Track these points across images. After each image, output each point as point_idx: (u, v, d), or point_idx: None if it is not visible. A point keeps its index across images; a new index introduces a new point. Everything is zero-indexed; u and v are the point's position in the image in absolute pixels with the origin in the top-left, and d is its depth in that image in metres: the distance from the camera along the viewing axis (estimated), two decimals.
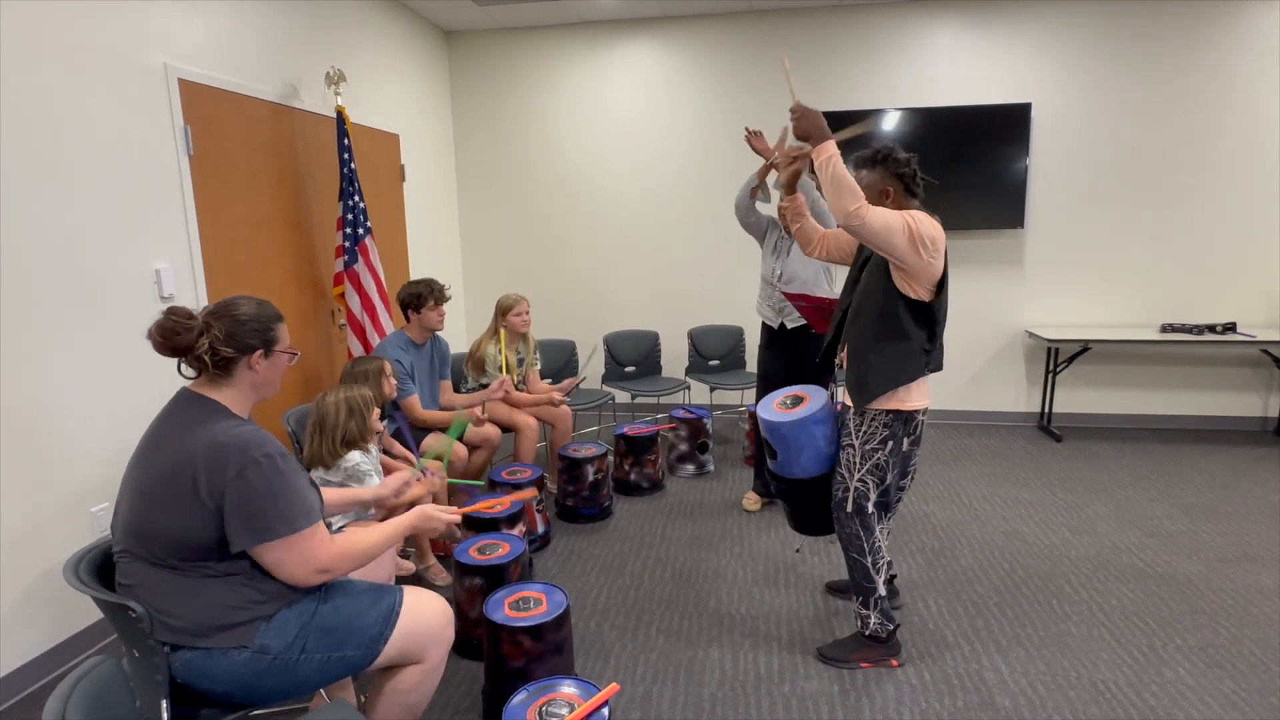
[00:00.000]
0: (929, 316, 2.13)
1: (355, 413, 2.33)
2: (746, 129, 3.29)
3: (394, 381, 2.86)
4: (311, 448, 2.33)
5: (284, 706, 2.10)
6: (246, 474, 1.37)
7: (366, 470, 2.33)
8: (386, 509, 2.26)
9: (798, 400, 2.40)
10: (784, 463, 2.36)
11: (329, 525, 1.66)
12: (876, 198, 2.15)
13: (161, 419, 1.48)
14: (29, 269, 2.23)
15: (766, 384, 3.45)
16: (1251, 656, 2.33)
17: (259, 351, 1.51)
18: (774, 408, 2.39)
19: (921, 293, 2.11)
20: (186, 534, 1.38)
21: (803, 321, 3.28)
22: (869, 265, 2.24)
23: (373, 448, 2.48)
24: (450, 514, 1.74)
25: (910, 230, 2.02)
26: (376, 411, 2.44)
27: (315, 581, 1.48)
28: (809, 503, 2.40)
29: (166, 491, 1.37)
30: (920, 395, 2.19)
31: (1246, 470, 4.03)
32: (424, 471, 2.37)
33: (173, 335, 1.44)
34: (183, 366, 1.50)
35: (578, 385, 3.77)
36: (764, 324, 3.44)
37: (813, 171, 2.16)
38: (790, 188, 2.49)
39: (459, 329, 5.35)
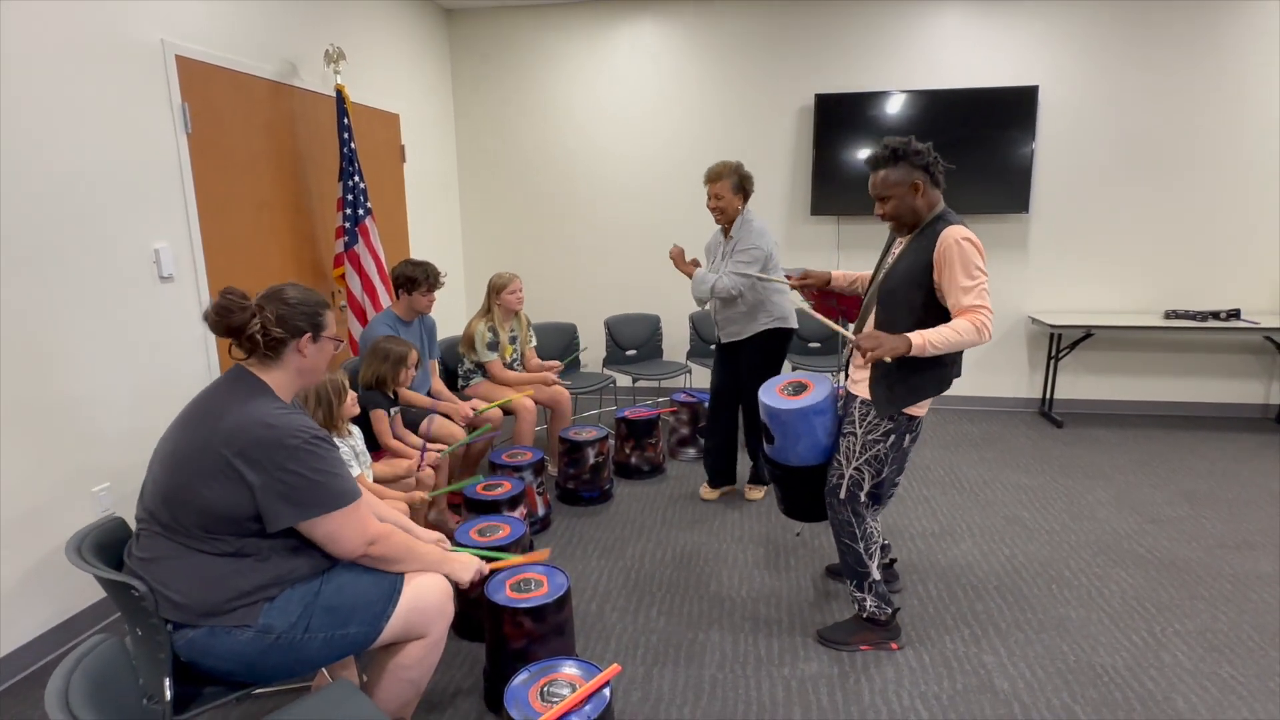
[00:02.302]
0: None
1: (323, 401, 2.27)
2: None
3: (414, 373, 2.84)
4: None
5: (286, 685, 2.11)
6: (299, 454, 1.42)
7: (345, 460, 2.30)
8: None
9: (801, 387, 2.38)
10: (780, 449, 2.36)
11: None
12: (907, 193, 2.08)
13: (213, 389, 1.52)
14: (27, 249, 2.21)
15: (718, 394, 3.46)
16: (1250, 641, 2.34)
17: (307, 335, 1.57)
18: (776, 393, 2.38)
19: None
20: (218, 505, 1.40)
21: (737, 336, 3.27)
22: (899, 276, 2.13)
23: (355, 430, 2.46)
24: (482, 569, 1.80)
25: (985, 285, 2.02)
26: (351, 397, 2.37)
27: (368, 553, 1.54)
28: (801, 490, 2.41)
29: (206, 461, 1.40)
30: (924, 402, 2.19)
31: (1248, 457, 4.03)
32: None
33: (228, 314, 1.49)
34: (233, 350, 1.55)
35: (573, 359, 3.77)
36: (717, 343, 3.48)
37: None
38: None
39: (458, 310, 5.33)
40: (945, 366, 2.14)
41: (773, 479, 2.49)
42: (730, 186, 3.10)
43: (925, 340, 1.98)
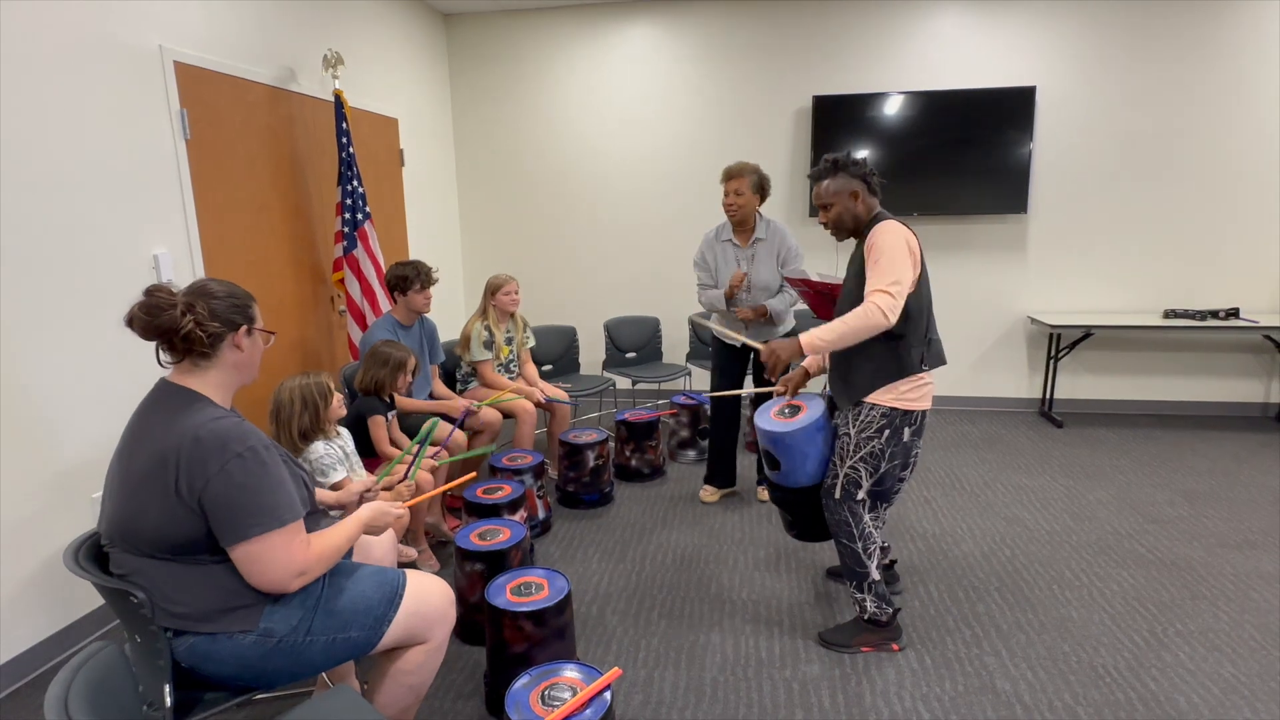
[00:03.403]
0: (907, 315, 2.12)
1: (309, 405, 2.27)
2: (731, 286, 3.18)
3: (411, 379, 2.84)
4: (272, 437, 2.29)
5: (286, 691, 2.11)
6: (229, 468, 1.33)
7: (330, 463, 2.29)
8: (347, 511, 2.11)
9: (795, 409, 2.38)
10: (788, 472, 2.34)
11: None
12: (848, 200, 2.20)
13: (141, 412, 1.43)
14: (25, 255, 2.21)
15: (723, 398, 3.43)
16: (1251, 641, 2.33)
17: (243, 328, 1.47)
18: (772, 417, 2.38)
19: None
20: (172, 531, 1.35)
21: (761, 339, 3.21)
22: (852, 278, 2.24)
23: (344, 432, 2.46)
24: (400, 509, 1.72)
25: (905, 260, 2.06)
26: (338, 399, 2.37)
27: (293, 586, 1.41)
28: (810, 510, 2.40)
29: (148, 489, 1.34)
30: (920, 396, 2.19)
31: (1248, 456, 4.03)
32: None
33: (159, 313, 1.37)
34: (161, 355, 1.44)
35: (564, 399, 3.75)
36: (721, 345, 3.36)
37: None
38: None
39: (458, 314, 5.34)
40: (900, 356, 2.15)
41: (780, 504, 2.46)
42: (750, 185, 3.11)
43: (813, 337, 2.10)
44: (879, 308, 2.02)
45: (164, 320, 1.37)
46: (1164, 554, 2.92)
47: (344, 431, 2.47)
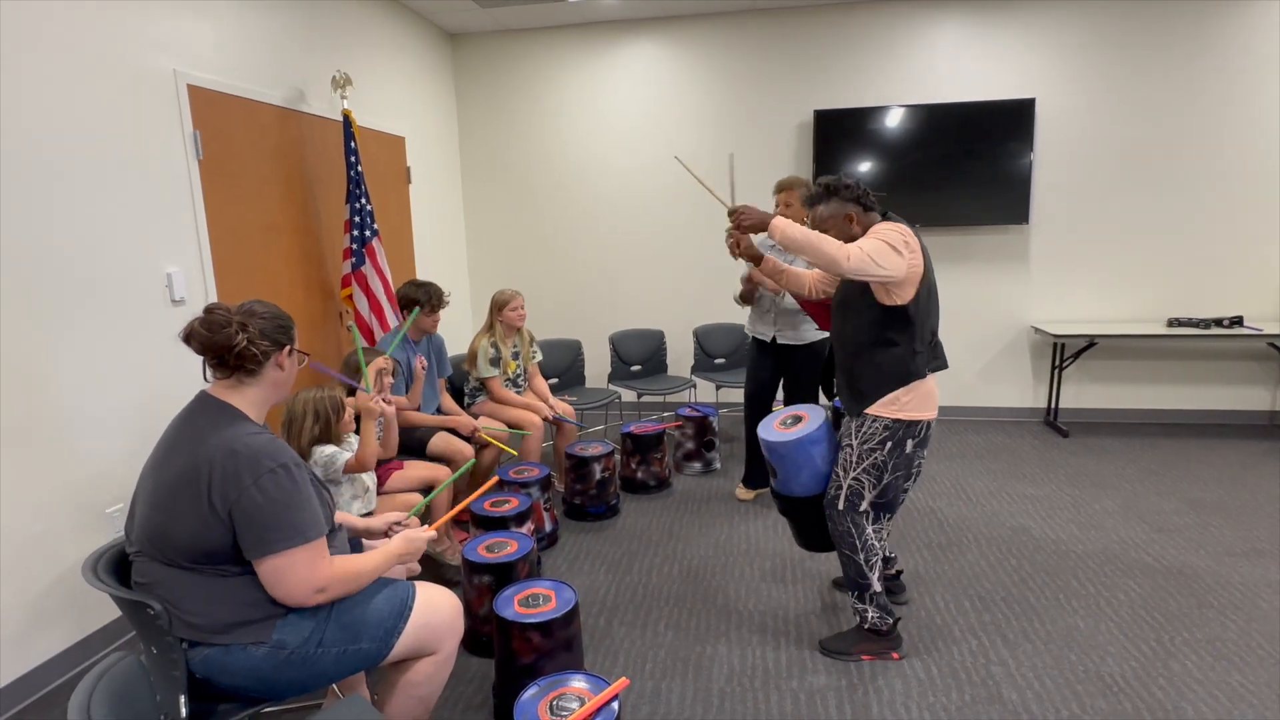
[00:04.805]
0: (909, 320, 2.13)
1: (320, 417, 2.30)
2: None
3: (390, 380, 2.86)
4: None
5: (298, 703, 2.13)
6: (261, 483, 1.38)
7: (340, 464, 2.32)
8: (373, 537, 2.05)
9: (797, 419, 2.43)
10: (784, 481, 2.39)
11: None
12: (843, 224, 2.19)
13: (179, 422, 1.49)
14: (40, 273, 2.26)
15: (755, 398, 3.62)
16: (1260, 650, 2.33)
17: (286, 348, 1.55)
18: (774, 428, 2.42)
19: (903, 297, 2.11)
20: (200, 540, 1.39)
21: (796, 340, 3.40)
22: (845, 283, 2.26)
23: (352, 437, 2.49)
24: (428, 532, 1.77)
25: (891, 244, 2.03)
26: (350, 413, 2.39)
27: (312, 601, 1.46)
28: (810, 520, 2.42)
29: (180, 497, 1.39)
30: (924, 405, 2.18)
31: (1254, 464, 4.02)
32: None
33: (218, 329, 1.45)
34: (208, 369, 1.51)
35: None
36: (755, 340, 3.58)
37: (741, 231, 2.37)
38: (755, 259, 2.51)
39: (464, 330, 5.38)
40: (904, 361, 2.15)
41: (782, 513, 2.50)
42: (800, 197, 3.18)
43: (785, 225, 2.06)
44: (850, 254, 1.97)
45: (221, 337, 1.45)
46: (1170, 563, 2.92)
47: (353, 438, 2.49)
